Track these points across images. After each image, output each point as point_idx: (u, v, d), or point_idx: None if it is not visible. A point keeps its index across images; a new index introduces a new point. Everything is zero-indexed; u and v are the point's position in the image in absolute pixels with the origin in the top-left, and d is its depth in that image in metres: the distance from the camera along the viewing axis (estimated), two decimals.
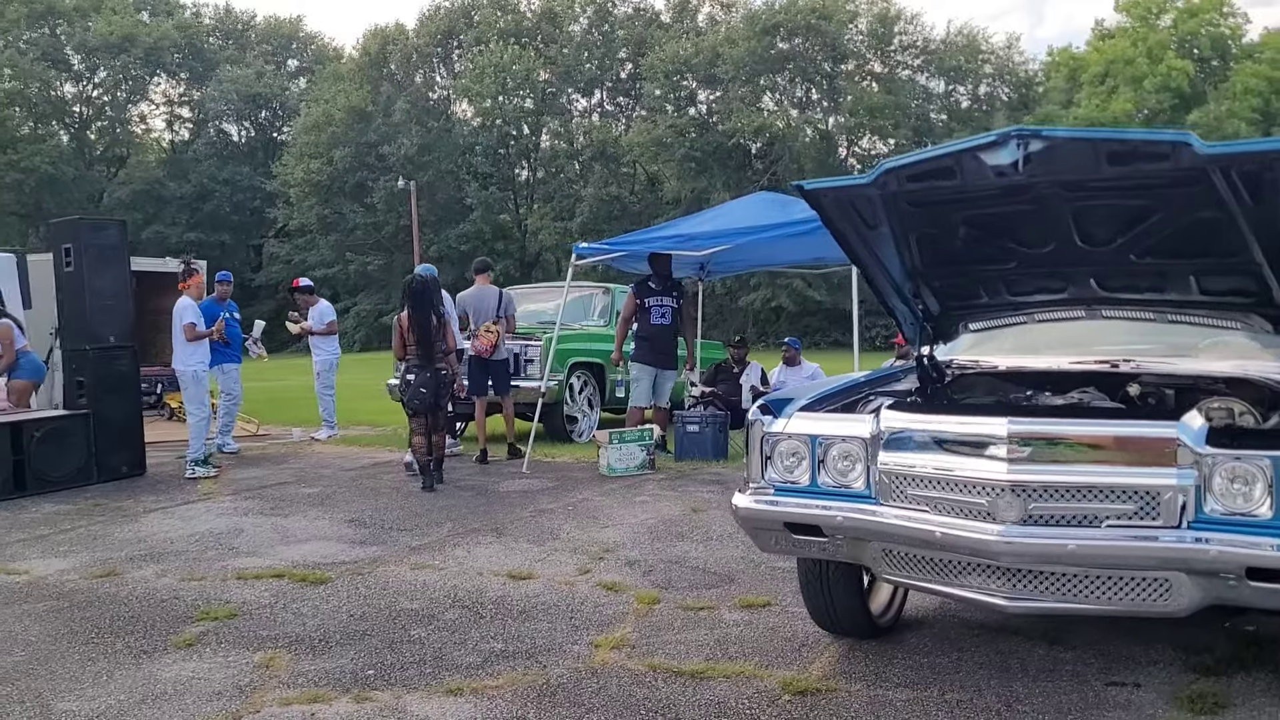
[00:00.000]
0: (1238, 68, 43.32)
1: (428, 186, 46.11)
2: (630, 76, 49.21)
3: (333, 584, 5.43)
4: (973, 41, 44.11)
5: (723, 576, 5.36)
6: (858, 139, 45.56)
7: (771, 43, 42.30)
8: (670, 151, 44.03)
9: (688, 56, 43.68)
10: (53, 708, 3.89)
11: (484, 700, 3.83)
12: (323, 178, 46.87)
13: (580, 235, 44.01)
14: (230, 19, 60.78)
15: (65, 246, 8.80)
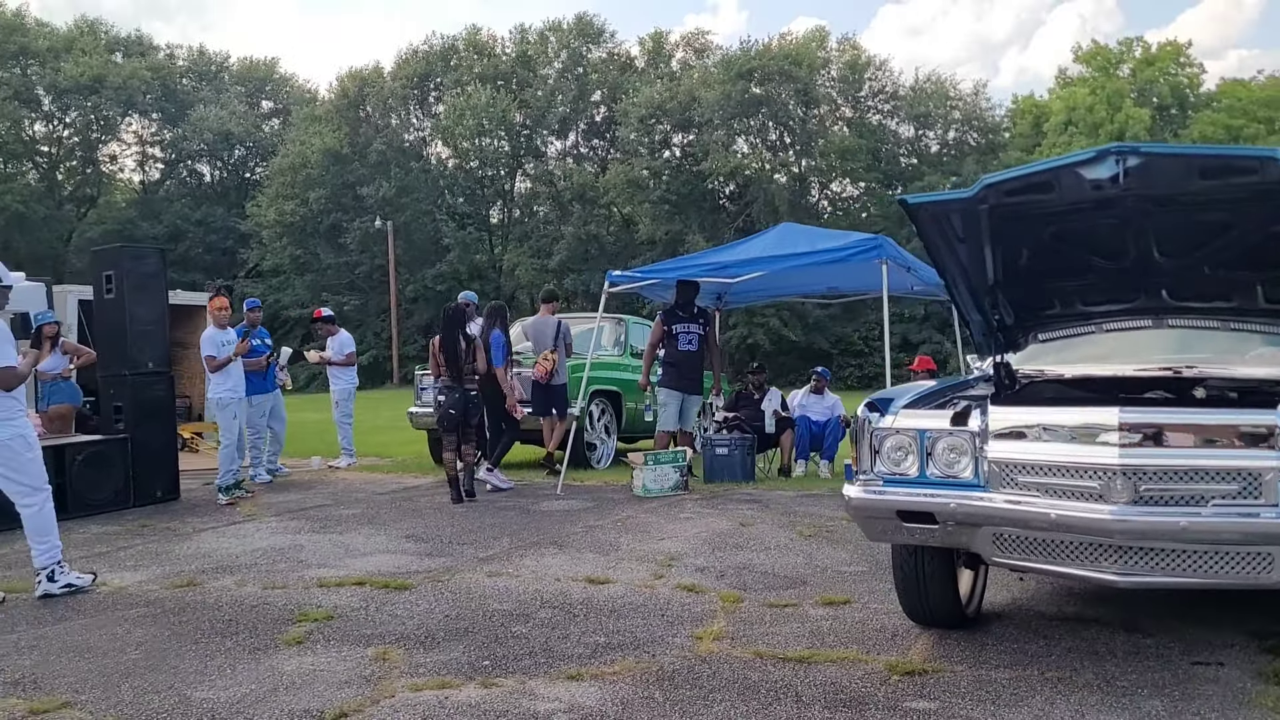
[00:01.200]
0: (1196, 116, 44.65)
1: (404, 227, 46.29)
2: (604, 120, 49.80)
3: (416, 590, 5.61)
4: (940, 88, 45.17)
5: (793, 580, 5.61)
6: (829, 182, 46.37)
7: (746, 87, 43.07)
8: (646, 193, 44.55)
9: (662, 100, 44.35)
10: (189, 697, 4.05)
11: (606, 684, 4.04)
12: (297, 219, 46.89)
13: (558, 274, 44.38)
14: (204, 60, 60.84)
15: (106, 273, 8.95)
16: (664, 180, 44.86)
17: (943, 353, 40.32)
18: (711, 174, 43.37)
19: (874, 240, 8.57)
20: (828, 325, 40.66)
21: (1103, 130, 41.91)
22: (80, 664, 4.51)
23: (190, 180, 57.54)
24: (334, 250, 47.20)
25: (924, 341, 39.94)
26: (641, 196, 44.76)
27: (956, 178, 42.14)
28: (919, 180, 43.16)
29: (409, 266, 46.49)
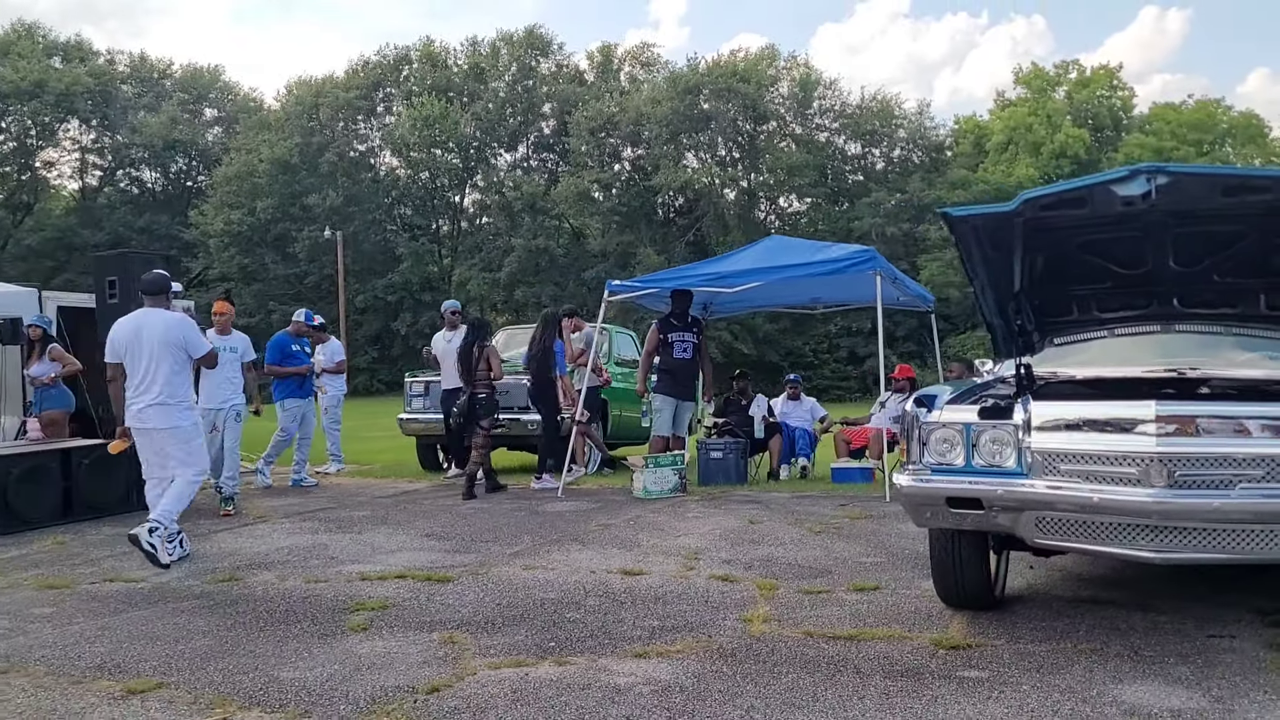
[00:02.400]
0: (1127, 138, 46.14)
1: (353, 237, 46.09)
2: (554, 132, 50.08)
3: (458, 582, 5.84)
4: (886, 107, 46.17)
5: (818, 570, 5.94)
6: (777, 197, 47.11)
7: (694, 103, 43.64)
8: (596, 206, 44.90)
9: (612, 114, 44.74)
10: (277, 677, 4.26)
11: (673, 661, 4.33)
12: (244, 228, 46.47)
13: (509, 286, 44.54)
14: (145, 66, 60.00)
15: (110, 279, 9.04)
16: (614, 193, 45.27)
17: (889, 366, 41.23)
18: (662, 188, 43.85)
19: (867, 253, 8.98)
20: (777, 339, 41.34)
21: (1044, 149, 43.20)
22: (155, 650, 4.68)
23: (132, 188, 56.68)
24: (282, 260, 46.82)
25: (870, 355, 40.77)
26: (592, 209, 45.12)
27: (903, 194, 43.14)
28: (866, 196, 44.10)
29: (359, 277, 46.31)
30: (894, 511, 7.98)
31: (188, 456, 6.73)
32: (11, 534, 7.85)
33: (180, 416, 6.73)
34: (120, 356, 6.78)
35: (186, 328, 6.93)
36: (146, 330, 6.76)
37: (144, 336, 6.74)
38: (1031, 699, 3.74)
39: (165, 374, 6.66)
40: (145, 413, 6.67)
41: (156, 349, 6.68)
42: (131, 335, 6.77)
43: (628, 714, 3.73)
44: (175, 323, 6.87)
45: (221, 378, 8.91)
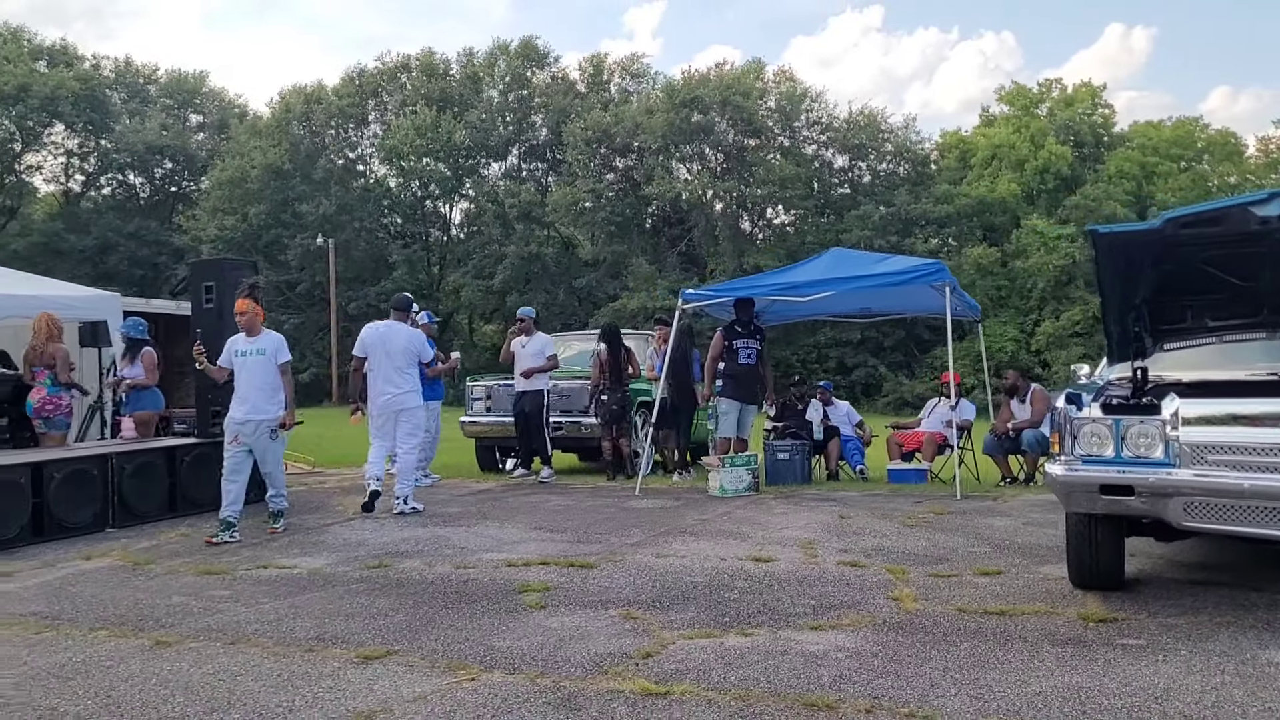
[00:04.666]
0: (1110, 155, 47.12)
1: (344, 245, 46.24)
2: (545, 142, 50.46)
3: (600, 568, 6.27)
4: (873, 121, 46.88)
5: (933, 558, 6.41)
6: (766, 209, 47.71)
7: (688, 115, 44.18)
8: (589, 215, 45.31)
9: (607, 125, 45.20)
10: (493, 645, 4.68)
11: (849, 633, 4.78)
12: (237, 234, 46.49)
13: (501, 294, 44.82)
14: (131, 71, 59.82)
15: (207, 284, 9.38)
16: (607, 203, 45.67)
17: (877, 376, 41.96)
18: (655, 198, 44.31)
19: (936, 264, 9.50)
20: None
21: (1027, 165, 44.04)
22: (359, 624, 5.08)
23: (120, 193, 56.48)
24: (273, 267, 46.82)
25: (859, 365, 41.49)
26: (585, 219, 45.50)
27: (890, 207, 43.84)
28: (853, 209, 44.75)
29: (350, 284, 46.44)
30: (971, 508, 8.49)
31: (410, 433, 8.80)
32: (128, 527, 8.19)
33: (411, 401, 8.76)
34: (367, 353, 8.80)
35: (419, 339, 9.03)
36: (392, 337, 8.79)
37: (389, 341, 8.75)
38: (1195, 661, 4.22)
39: (401, 370, 8.69)
40: (392, 398, 8.67)
41: (396, 352, 8.71)
42: (379, 339, 8.77)
43: (836, 674, 4.17)
44: (413, 334, 9.00)
45: (250, 386, 7.78)
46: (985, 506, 8.58)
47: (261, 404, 7.78)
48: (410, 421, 8.82)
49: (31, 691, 4.18)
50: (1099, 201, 42.46)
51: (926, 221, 44.33)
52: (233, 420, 7.79)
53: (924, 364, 42.52)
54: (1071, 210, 43.11)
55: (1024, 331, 40.42)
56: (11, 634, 5.05)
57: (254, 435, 7.75)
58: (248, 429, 7.73)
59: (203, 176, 55.57)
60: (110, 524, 8.16)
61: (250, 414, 7.75)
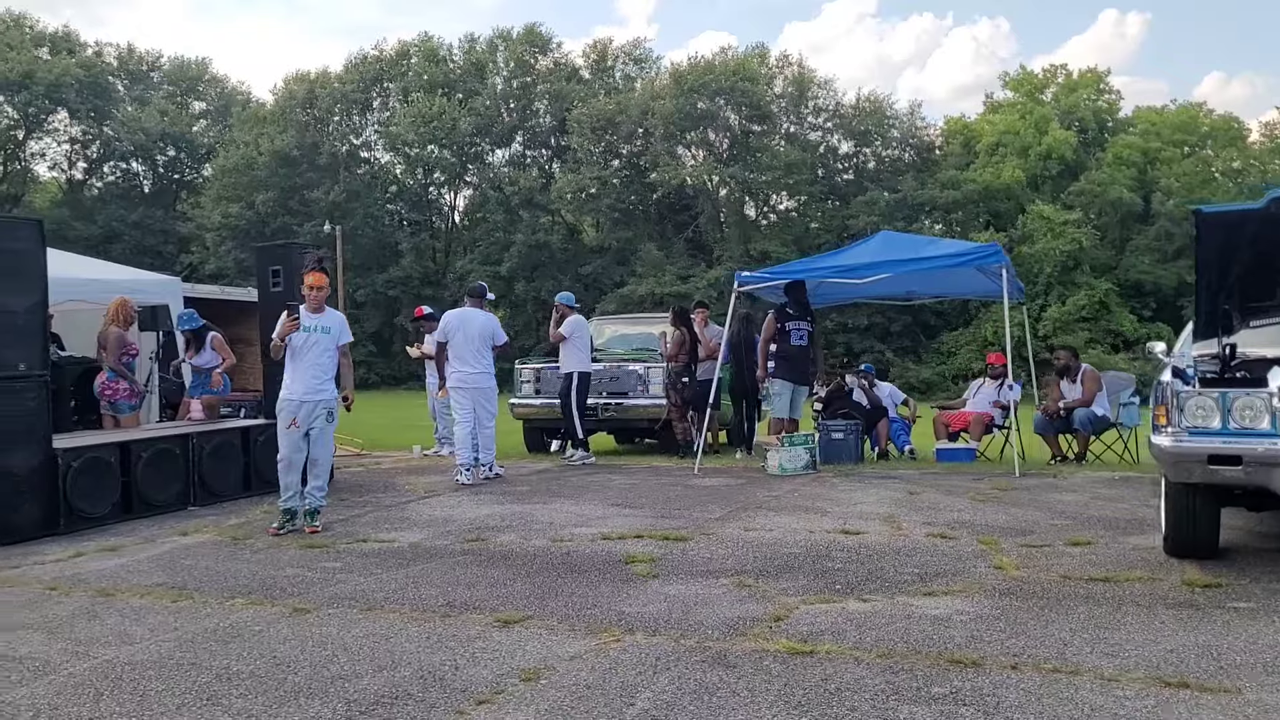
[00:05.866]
0: (1113, 140, 47.29)
1: (351, 232, 46.25)
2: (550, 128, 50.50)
3: (695, 541, 6.45)
4: (878, 108, 47.01)
5: (1017, 530, 6.61)
6: (772, 194, 47.84)
7: (694, 101, 44.28)
8: (595, 202, 45.41)
9: (612, 112, 45.26)
10: (621, 611, 4.85)
11: (963, 599, 4.96)
12: (243, 222, 46.53)
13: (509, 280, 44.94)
14: (133, 58, 59.72)
15: (274, 268, 9.51)
16: (613, 189, 45.78)
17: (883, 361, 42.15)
18: (661, 184, 44.43)
19: (992, 247, 9.68)
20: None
21: (1032, 151, 44.20)
22: (482, 592, 5.25)
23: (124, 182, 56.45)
24: None
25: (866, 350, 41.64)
26: (591, 205, 45.61)
27: (897, 193, 44.01)
28: (861, 195, 44.89)
29: (358, 271, 46.48)
30: (1034, 484, 8.69)
31: (490, 412, 9.71)
32: (207, 505, 8.36)
33: (488, 381, 9.68)
34: (449, 337, 9.67)
35: (494, 323, 9.88)
36: (470, 322, 9.66)
37: (468, 326, 9.62)
38: None
39: (479, 352, 9.57)
40: (469, 377, 9.55)
41: (475, 336, 9.58)
42: (459, 324, 9.64)
43: (967, 635, 4.36)
44: (488, 319, 9.89)
45: (309, 362, 7.27)
46: (1047, 483, 8.79)
47: (323, 383, 7.28)
48: (490, 400, 9.70)
49: (196, 653, 4.36)
50: (1104, 187, 42.69)
51: (933, 207, 44.53)
52: (290, 400, 7.19)
53: (930, 349, 42.80)
54: (1076, 196, 43.35)
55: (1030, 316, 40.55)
56: (150, 603, 5.22)
57: (311, 417, 7.20)
58: (306, 410, 7.18)
59: (205, 164, 55.62)
60: (191, 502, 8.32)
61: (310, 393, 7.18)
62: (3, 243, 6.99)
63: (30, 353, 7.14)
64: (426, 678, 3.96)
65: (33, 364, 7.17)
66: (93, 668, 4.19)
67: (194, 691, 3.87)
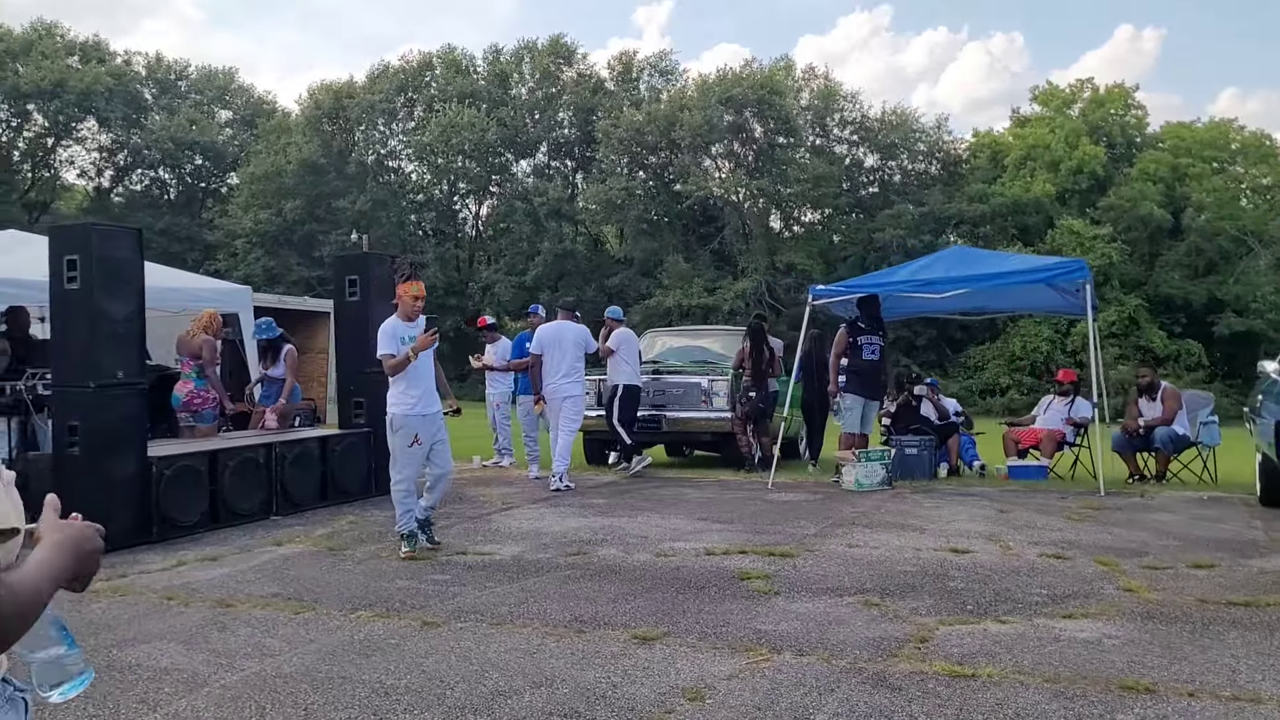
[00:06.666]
0: (1140, 156, 47.11)
1: (379, 241, 46.31)
2: (577, 139, 50.56)
3: (802, 557, 6.38)
4: (905, 121, 46.93)
5: (1130, 551, 6.52)
6: (799, 207, 47.78)
7: (722, 113, 44.30)
8: (623, 213, 45.43)
9: (641, 124, 45.30)
10: (757, 629, 4.79)
11: (1105, 622, 4.88)
12: (272, 229, 46.69)
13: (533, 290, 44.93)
14: (161, 67, 60.04)
15: (351, 278, 9.51)
16: (639, 200, 45.79)
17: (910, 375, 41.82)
18: (688, 196, 44.41)
19: (1077, 263, 9.59)
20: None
21: (1062, 166, 44.05)
22: (606, 608, 5.19)
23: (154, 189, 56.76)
24: (307, 263, 47.04)
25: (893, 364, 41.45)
26: (619, 216, 45.63)
27: (923, 207, 43.90)
28: (888, 208, 44.78)
29: None
30: (1125, 504, 8.59)
31: (572, 418, 10.02)
32: (289, 514, 8.32)
33: (578, 389, 10.05)
34: (544, 349, 10.01)
35: (585, 334, 10.16)
36: (564, 334, 10.03)
37: (562, 338, 9.98)
38: None
39: (572, 363, 9.92)
40: (560, 386, 9.90)
41: (569, 346, 9.94)
42: (554, 336, 10.03)
43: (1127, 659, 4.28)
44: (581, 331, 10.17)
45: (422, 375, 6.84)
46: (1136, 503, 8.68)
47: (435, 395, 6.94)
48: (574, 407, 10.03)
49: (342, 666, 4.31)
50: (1134, 202, 42.47)
51: (960, 221, 44.37)
52: (409, 416, 6.68)
53: (956, 363, 42.57)
54: (1105, 211, 43.14)
55: (1059, 332, 40.27)
56: (272, 614, 5.18)
57: (434, 431, 6.81)
58: (427, 425, 6.75)
59: (231, 172, 55.86)
60: (273, 511, 8.28)
61: (428, 406, 6.80)
62: (104, 250, 6.98)
63: (128, 360, 7.13)
64: (589, 696, 3.90)
65: (130, 372, 7.16)
66: (243, 680, 4.14)
67: (357, 705, 3.82)
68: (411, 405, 6.71)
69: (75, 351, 6.97)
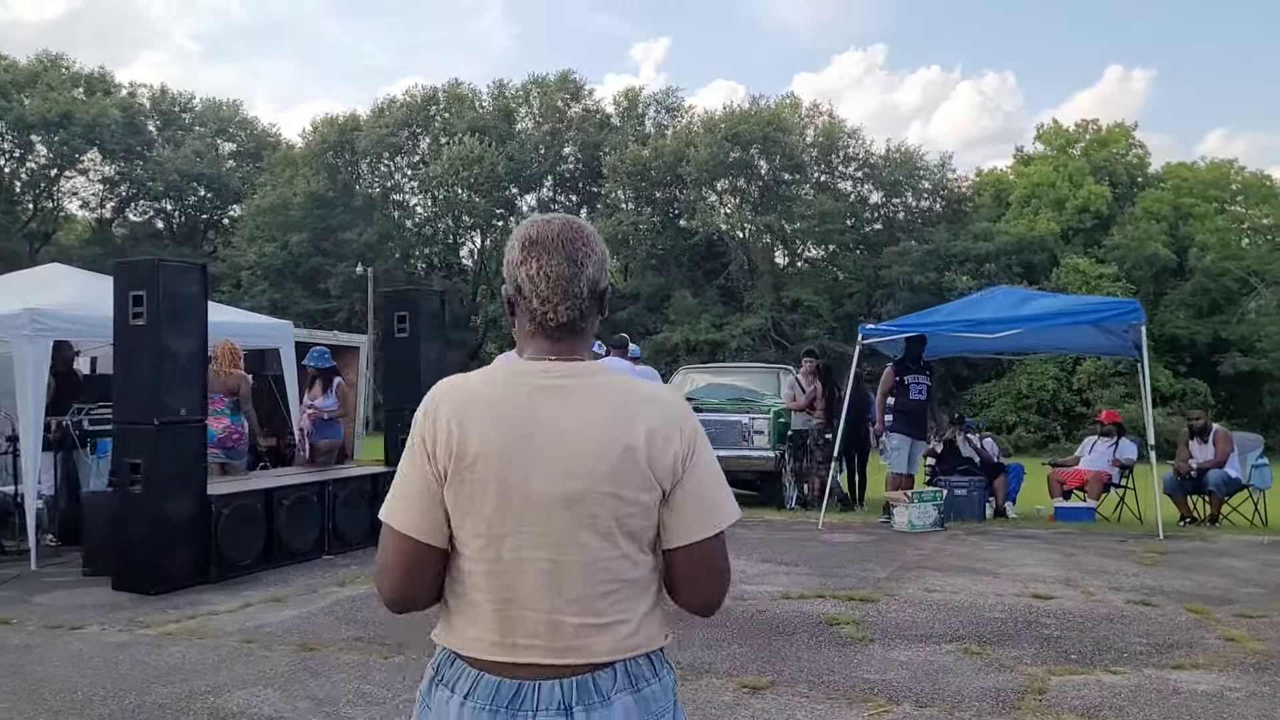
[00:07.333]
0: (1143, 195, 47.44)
1: (385, 274, 46.34)
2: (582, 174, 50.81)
3: (883, 602, 6.28)
4: (909, 159, 47.20)
5: (1213, 598, 6.43)
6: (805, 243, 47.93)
7: (729, 149, 44.56)
8: (630, 248, 45.57)
9: (647, 159, 45.54)
10: (863, 676, 4.70)
11: (1218, 673, 4.79)
12: (277, 261, 46.71)
13: None
14: (166, 99, 60.27)
15: (400, 314, 9.43)
16: (647, 235, 45.95)
17: None
18: (695, 232, 44.56)
19: (1132, 304, 9.56)
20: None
21: (1068, 204, 44.32)
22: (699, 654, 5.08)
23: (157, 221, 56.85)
24: (312, 295, 47.04)
25: None
26: (626, 251, 45.75)
27: (928, 244, 44.08)
28: (893, 245, 44.95)
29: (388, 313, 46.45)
30: (1189, 548, 8.51)
31: None
32: (340, 553, 8.18)
33: None
34: None
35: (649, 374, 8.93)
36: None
37: None
38: None
39: None
40: None
41: None
42: None
43: (1260, 711, 4.19)
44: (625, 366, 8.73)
45: None
46: (1198, 547, 8.59)
47: None
48: None
49: None
50: (1140, 242, 42.67)
51: (966, 258, 44.50)
52: None
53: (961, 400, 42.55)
54: (1110, 250, 43.34)
55: (1064, 370, 40.30)
56: (362, 659, 5.07)
57: None
58: None
59: (234, 205, 55.99)
60: (325, 550, 8.15)
61: None
62: (171, 286, 6.90)
63: (190, 398, 7.03)
64: None
65: (192, 409, 7.06)
66: None
67: None
68: None
69: (140, 388, 6.86)
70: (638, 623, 1.61)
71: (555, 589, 1.58)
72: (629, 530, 1.60)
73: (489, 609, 1.60)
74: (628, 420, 1.61)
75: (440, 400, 1.71)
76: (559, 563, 1.58)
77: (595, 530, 1.58)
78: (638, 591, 1.63)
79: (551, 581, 1.58)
